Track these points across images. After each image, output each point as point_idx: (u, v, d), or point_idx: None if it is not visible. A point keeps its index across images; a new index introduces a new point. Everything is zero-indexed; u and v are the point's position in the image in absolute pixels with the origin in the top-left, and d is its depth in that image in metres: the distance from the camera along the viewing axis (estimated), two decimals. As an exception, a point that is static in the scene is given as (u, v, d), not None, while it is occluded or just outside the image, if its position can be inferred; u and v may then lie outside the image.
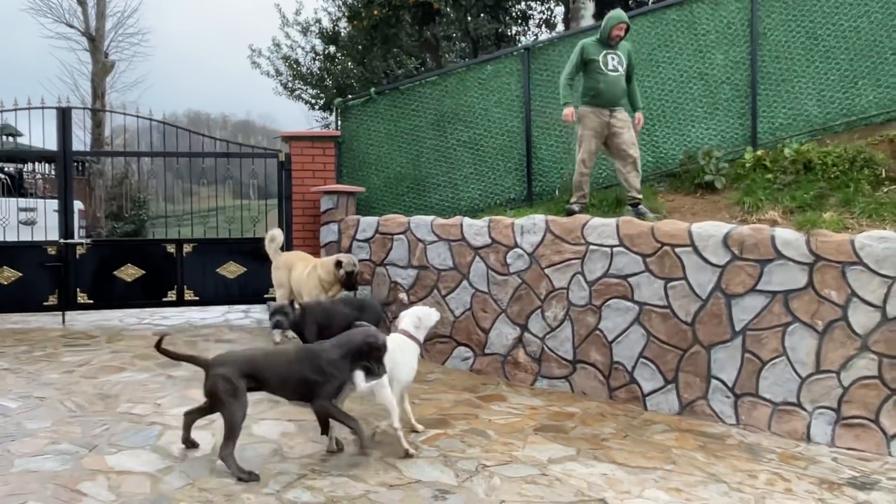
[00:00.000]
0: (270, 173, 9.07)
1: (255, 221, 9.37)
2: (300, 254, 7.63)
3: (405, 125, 8.71)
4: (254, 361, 4.31)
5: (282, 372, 4.29)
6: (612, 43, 6.86)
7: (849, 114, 7.45)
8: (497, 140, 8.38)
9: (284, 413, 5.26)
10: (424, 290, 7.31)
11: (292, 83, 19.41)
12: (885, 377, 5.37)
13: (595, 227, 6.47)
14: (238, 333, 7.81)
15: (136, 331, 8.00)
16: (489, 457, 4.68)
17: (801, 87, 7.55)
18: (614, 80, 6.82)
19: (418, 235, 7.40)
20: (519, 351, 6.80)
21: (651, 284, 6.18)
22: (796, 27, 7.56)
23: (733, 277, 5.87)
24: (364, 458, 4.47)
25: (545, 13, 15.09)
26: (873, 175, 6.70)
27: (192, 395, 5.54)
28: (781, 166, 6.98)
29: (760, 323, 5.76)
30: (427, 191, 8.62)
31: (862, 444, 5.36)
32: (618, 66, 6.83)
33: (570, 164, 8.03)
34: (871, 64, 7.42)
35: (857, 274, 5.49)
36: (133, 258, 8.53)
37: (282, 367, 4.31)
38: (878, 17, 7.40)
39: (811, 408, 5.57)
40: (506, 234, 6.89)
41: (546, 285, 6.66)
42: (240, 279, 8.69)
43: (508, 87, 8.34)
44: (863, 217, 6.11)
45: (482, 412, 5.70)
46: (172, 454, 4.43)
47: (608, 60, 6.81)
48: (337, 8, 17.98)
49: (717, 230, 6.01)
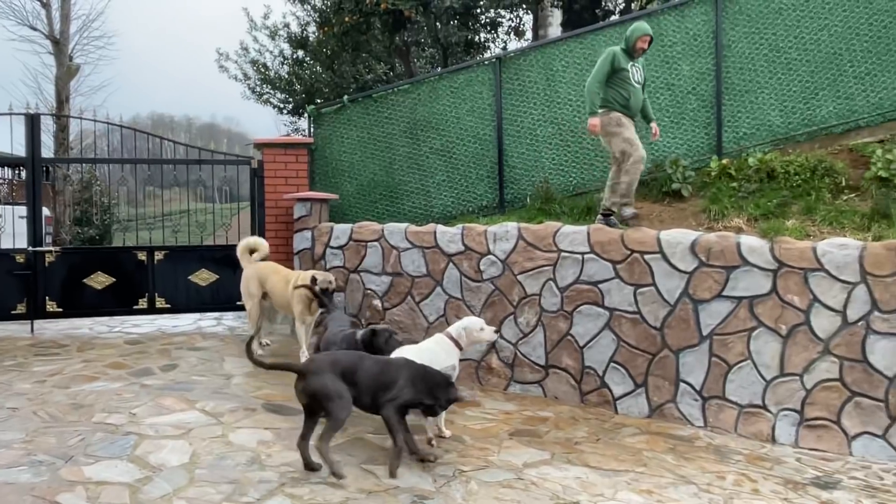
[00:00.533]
0: (242, 178, 9.05)
1: (227, 227, 9.34)
2: (272, 265, 7.46)
3: (378, 132, 8.77)
4: (348, 364, 4.49)
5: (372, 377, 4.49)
6: (636, 55, 6.84)
7: (810, 124, 7.69)
8: (469, 148, 8.48)
9: (260, 421, 5.29)
10: (399, 296, 7.38)
11: (260, 87, 19.33)
12: (846, 380, 5.57)
13: (566, 234, 6.60)
14: (211, 341, 7.79)
15: (106, 339, 7.93)
16: (466, 462, 4.76)
17: (764, 98, 7.77)
18: (638, 92, 6.83)
19: (392, 242, 7.47)
20: (492, 357, 6.89)
21: (621, 291, 6.33)
22: (759, 39, 7.78)
23: (700, 283, 6.04)
24: (345, 465, 4.52)
25: (514, 21, 15.25)
26: (834, 184, 6.93)
27: (165, 403, 5.53)
28: (746, 175, 7.18)
29: (727, 328, 5.93)
30: (400, 198, 8.69)
31: (824, 444, 5.55)
32: (640, 80, 6.86)
33: (541, 171, 8.16)
34: (831, 76, 7.66)
35: (818, 280, 5.69)
36: (103, 266, 8.45)
37: (376, 372, 4.52)
38: (837, 30, 7.65)
39: (776, 410, 5.75)
40: (479, 241, 6.99)
41: (519, 291, 6.77)
42: (212, 286, 8.66)
43: (480, 95, 8.45)
44: (824, 224, 6.32)
45: (457, 418, 5.78)
46: (150, 464, 4.43)
47: (634, 72, 6.80)
48: (306, 13, 17.97)
49: (684, 237, 6.17)
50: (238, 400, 5.75)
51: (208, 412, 5.41)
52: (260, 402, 5.73)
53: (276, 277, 7.16)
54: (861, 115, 7.59)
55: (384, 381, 4.50)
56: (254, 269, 7.33)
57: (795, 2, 7.72)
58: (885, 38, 7.55)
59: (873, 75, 7.57)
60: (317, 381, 4.32)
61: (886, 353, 5.47)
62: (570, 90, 8.17)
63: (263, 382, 6.31)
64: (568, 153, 8.16)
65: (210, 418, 5.29)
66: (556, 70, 8.23)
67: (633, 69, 6.79)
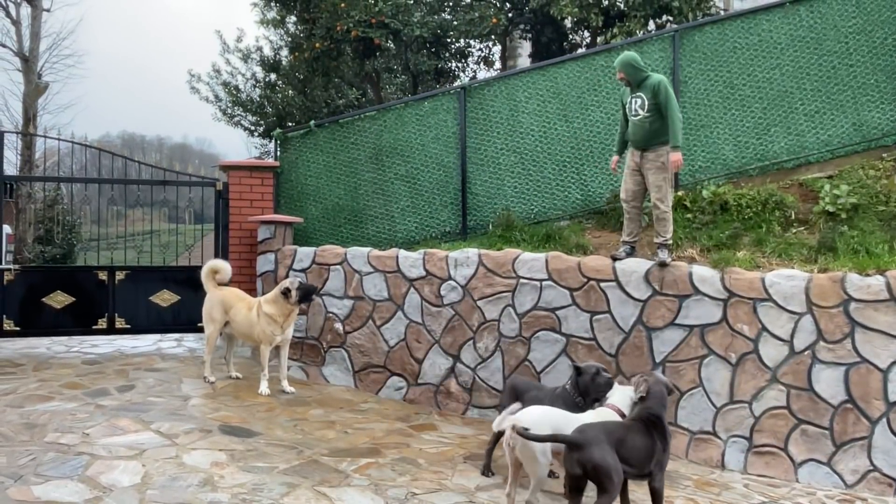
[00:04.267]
0: (206, 199, 9.05)
1: (190, 248, 9.32)
2: (237, 292, 7.26)
3: (344, 157, 8.86)
4: (617, 434, 4.22)
5: (639, 445, 4.25)
6: (633, 86, 6.56)
7: (762, 158, 7.94)
8: (433, 175, 8.60)
9: (216, 443, 5.28)
10: (360, 320, 7.43)
11: (231, 109, 19.31)
12: (793, 407, 5.74)
13: (525, 261, 6.73)
14: (170, 362, 7.75)
15: (64, 359, 7.85)
16: (419, 485, 4.81)
17: (718, 133, 8.02)
18: (635, 123, 6.52)
19: (354, 266, 7.53)
20: (451, 381, 6.96)
21: (578, 317, 6.46)
22: (715, 76, 8.04)
23: (654, 312, 6.20)
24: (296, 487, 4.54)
25: (483, 51, 15.52)
26: (783, 217, 7.17)
27: (120, 424, 5.50)
28: (700, 206, 7.39)
29: (679, 355, 6.09)
30: (364, 223, 8.77)
31: (772, 470, 5.70)
32: (638, 110, 6.47)
33: (503, 199, 8.31)
34: (783, 112, 7.94)
35: (767, 310, 5.87)
36: (63, 285, 8.37)
37: (639, 440, 4.27)
38: (789, 69, 7.94)
39: (725, 436, 5.89)
40: (440, 267, 7.09)
41: (478, 317, 6.87)
42: (173, 307, 8.62)
43: (445, 123, 8.59)
44: (773, 256, 6.53)
45: (413, 441, 5.82)
46: (101, 484, 4.41)
47: (632, 104, 6.56)
48: (279, 38, 18.06)
49: (639, 266, 6.34)
50: (194, 421, 5.74)
51: (163, 433, 5.39)
52: (217, 424, 5.72)
53: (242, 305, 6.99)
54: (811, 152, 7.87)
55: (651, 450, 4.28)
56: (219, 295, 7.15)
57: (749, 41, 8.02)
58: (834, 78, 7.87)
59: (822, 113, 7.87)
60: (598, 454, 4.01)
61: (831, 381, 5.66)
62: (533, 120, 8.35)
63: (221, 404, 6.31)
64: (530, 182, 8.32)
65: (164, 439, 5.27)
66: (520, 101, 8.41)
67: (632, 101, 6.56)
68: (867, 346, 5.59)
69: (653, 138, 6.44)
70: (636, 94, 6.51)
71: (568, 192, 8.23)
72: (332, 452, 5.32)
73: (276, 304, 6.72)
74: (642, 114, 6.45)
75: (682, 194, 7.54)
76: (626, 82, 6.59)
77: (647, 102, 6.41)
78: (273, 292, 6.84)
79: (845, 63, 7.86)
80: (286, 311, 6.73)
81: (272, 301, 6.74)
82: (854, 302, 5.64)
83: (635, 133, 6.54)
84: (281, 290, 6.69)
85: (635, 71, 6.48)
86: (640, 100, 6.48)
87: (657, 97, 6.37)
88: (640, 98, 6.47)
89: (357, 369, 7.42)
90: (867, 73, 7.84)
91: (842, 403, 5.60)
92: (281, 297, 6.67)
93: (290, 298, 6.65)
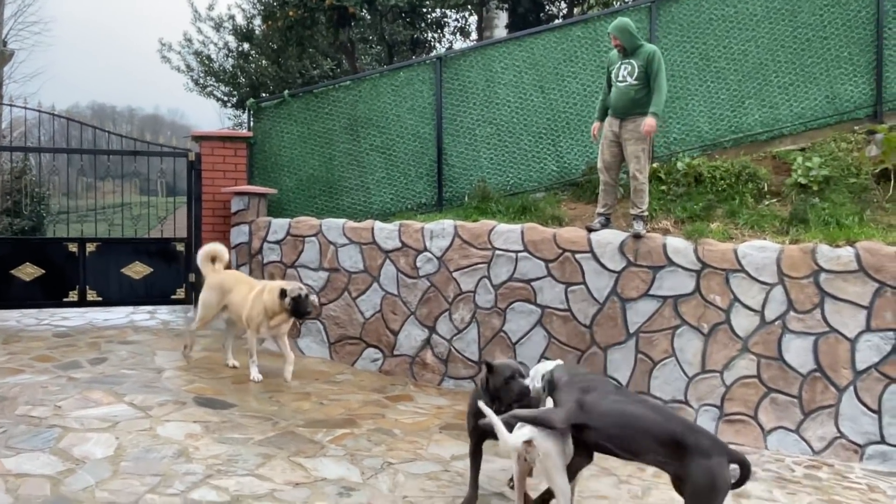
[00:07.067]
0: (179, 171, 8.92)
1: (163, 221, 9.20)
2: (238, 275, 6.86)
3: (318, 128, 8.76)
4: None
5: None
6: (626, 52, 6.47)
7: (736, 131, 7.98)
8: (409, 146, 8.54)
9: (190, 415, 5.26)
10: (335, 292, 7.40)
11: (204, 79, 18.99)
12: (763, 376, 5.83)
13: (501, 233, 6.73)
14: (143, 335, 7.67)
15: (34, 332, 7.74)
16: (394, 454, 4.83)
17: (694, 105, 8.04)
18: (621, 90, 6.44)
19: (330, 238, 7.48)
20: (427, 352, 6.98)
21: (553, 288, 6.48)
22: (691, 48, 8.04)
23: (628, 283, 6.24)
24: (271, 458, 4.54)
25: (460, 21, 15.37)
26: (756, 189, 7.23)
27: (92, 396, 5.45)
28: (674, 179, 7.42)
29: (652, 326, 6.15)
30: (339, 194, 8.70)
31: (742, 438, 5.80)
32: (626, 77, 6.41)
33: (479, 171, 8.28)
34: (757, 85, 7.97)
35: (739, 281, 5.94)
36: (32, 257, 8.22)
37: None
38: (764, 41, 7.95)
39: (697, 405, 5.98)
40: (416, 238, 7.07)
41: (454, 288, 6.87)
42: (146, 280, 8.50)
43: (421, 94, 8.51)
44: (746, 228, 6.59)
45: (389, 412, 5.85)
46: (73, 456, 4.38)
47: (620, 71, 6.47)
48: (252, 6, 17.73)
49: (614, 238, 6.37)
50: (168, 393, 5.70)
51: (137, 405, 5.36)
52: (191, 396, 5.69)
53: (244, 288, 6.57)
54: (784, 124, 7.92)
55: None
56: (217, 279, 6.71)
57: (725, 13, 8.01)
58: (808, 52, 7.90)
59: (796, 86, 7.90)
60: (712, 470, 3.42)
61: (801, 351, 5.76)
62: (510, 91, 8.30)
63: (196, 376, 6.27)
64: (506, 153, 8.29)
65: (138, 411, 5.24)
66: (496, 71, 8.35)
67: (620, 68, 6.48)
68: (836, 316, 5.68)
69: (635, 107, 6.41)
70: (626, 62, 6.45)
71: (544, 163, 8.22)
72: (308, 423, 5.33)
73: (273, 298, 6.27)
74: (630, 80, 6.41)
75: (657, 166, 7.56)
76: (619, 48, 6.51)
77: (638, 70, 6.37)
78: (276, 284, 6.41)
79: (819, 35, 7.89)
80: (278, 310, 6.26)
81: (273, 291, 6.29)
82: (824, 273, 5.72)
83: (618, 100, 6.49)
84: (280, 287, 6.26)
85: (631, 37, 6.42)
86: (630, 66, 6.42)
87: (649, 66, 6.33)
88: (631, 65, 6.42)
89: (332, 341, 7.41)
90: (841, 46, 7.87)
91: (811, 372, 5.70)
92: (278, 296, 6.24)
93: (285, 300, 6.19)
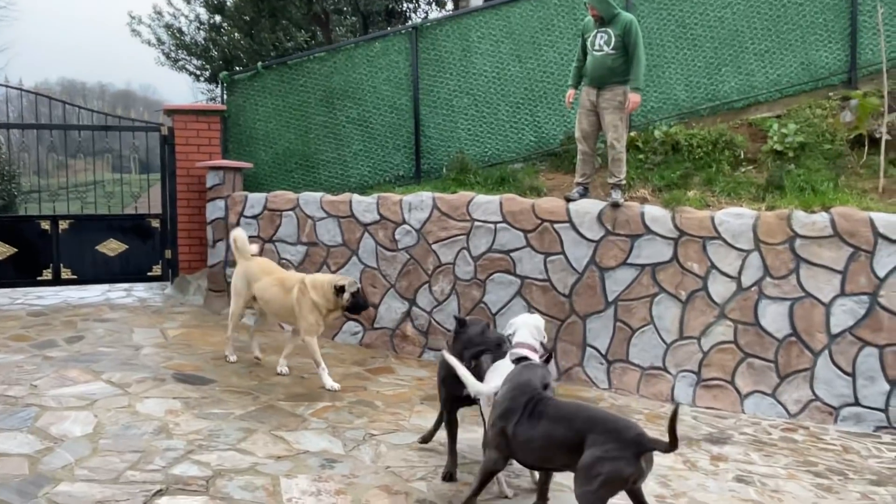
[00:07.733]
0: (153, 147, 8.79)
1: (136, 197, 9.07)
2: (264, 263, 6.31)
3: (293, 101, 8.64)
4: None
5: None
6: (603, 21, 6.38)
7: (713, 99, 7.99)
8: (386, 118, 8.46)
9: (169, 391, 5.23)
10: (314, 266, 7.36)
11: (175, 53, 18.61)
12: (740, 342, 5.90)
13: (479, 204, 6.71)
14: (120, 312, 7.60)
15: (8, 311, 7.63)
16: (376, 426, 4.85)
17: (670, 73, 8.02)
18: (597, 59, 6.35)
19: (307, 212, 7.42)
20: (407, 325, 6.98)
21: (532, 259, 6.49)
22: (667, 15, 8.00)
23: (607, 252, 6.26)
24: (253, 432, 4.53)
25: (436, -10, 15.23)
26: (733, 156, 7.26)
27: (69, 375, 5.39)
28: (652, 147, 7.43)
29: (630, 294, 6.18)
30: (316, 167, 8.62)
31: (719, 403, 5.89)
32: (603, 46, 6.32)
33: (457, 142, 8.23)
34: (734, 52, 7.96)
35: (716, 248, 5.98)
36: (4, 235, 8.08)
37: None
38: (740, 8, 7.93)
39: (675, 371, 6.05)
40: (394, 211, 7.03)
41: (433, 260, 6.86)
42: (122, 256, 8.40)
43: (397, 65, 8.42)
44: (723, 195, 6.62)
45: (371, 384, 5.85)
46: (51, 435, 4.33)
47: (596, 39, 6.37)
48: (222, -24, 17.36)
49: (592, 207, 6.38)
50: (147, 370, 5.66)
51: (115, 383, 5.31)
52: (170, 373, 5.65)
53: (268, 279, 6.05)
54: (760, 91, 7.93)
55: None
56: (244, 267, 6.23)
57: (701, -21, 7.97)
58: (784, 18, 7.89)
59: (772, 53, 7.91)
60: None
61: (777, 316, 5.82)
62: (486, 61, 8.24)
63: (174, 353, 6.23)
64: (483, 124, 8.25)
65: (116, 389, 5.20)
66: (473, 41, 8.27)
67: (597, 36, 6.39)
68: (811, 281, 5.74)
69: (612, 76, 6.36)
70: (603, 30, 6.37)
71: (522, 133, 8.19)
72: (289, 397, 5.32)
73: (323, 294, 5.73)
74: (606, 49, 6.34)
75: (635, 135, 7.56)
76: (596, 17, 6.43)
77: (615, 39, 6.30)
78: (321, 279, 5.86)
79: (795, 2, 7.88)
80: (332, 306, 5.76)
81: (320, 288, 5.74)
82: (799, 238, 5.77)
83: (595, 69, 6.43)
84: (332, 286, 5.68)
85: (608, 6, 6.35)
86: (606, 35, 6.35)
87: (626, 36, 6.27)
88: (608, 34, 6.34)
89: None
90: (816, 13, 7.87)
91: (786, 337, 5.78)
92: (333, 293, 5.69)
93: (340, 298, 5.68)
